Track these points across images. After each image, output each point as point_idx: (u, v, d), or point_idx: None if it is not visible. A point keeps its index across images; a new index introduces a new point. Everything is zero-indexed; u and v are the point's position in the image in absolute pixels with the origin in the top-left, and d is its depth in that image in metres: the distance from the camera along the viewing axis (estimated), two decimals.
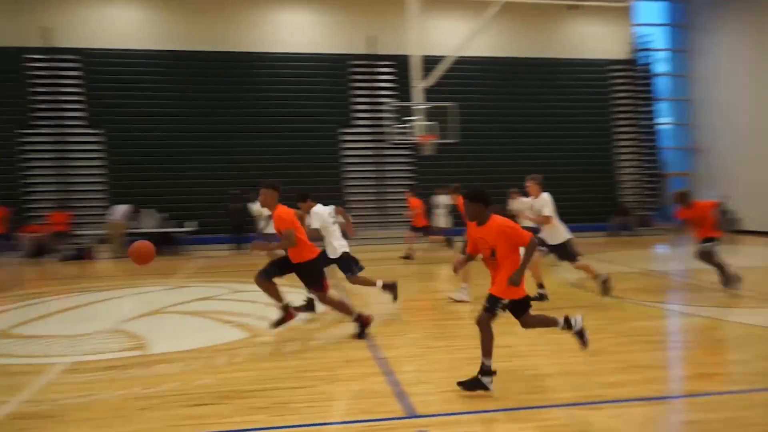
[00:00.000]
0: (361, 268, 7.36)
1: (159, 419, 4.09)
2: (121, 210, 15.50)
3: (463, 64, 17.60)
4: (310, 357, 5.63)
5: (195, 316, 7.75)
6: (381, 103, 18.67)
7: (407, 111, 16.20)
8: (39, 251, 15.79)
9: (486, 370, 4.35)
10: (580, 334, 4.70)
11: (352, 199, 18.62)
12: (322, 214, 7.26)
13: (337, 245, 7.31)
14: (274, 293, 6.14)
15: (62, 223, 15.75)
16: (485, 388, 4.32)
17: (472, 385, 4.35)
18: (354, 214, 18.21)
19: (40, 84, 17.35)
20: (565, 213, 8.55)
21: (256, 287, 6.18)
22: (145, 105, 17.70)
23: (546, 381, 4.75)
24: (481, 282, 5.52)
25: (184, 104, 17.85)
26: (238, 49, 18.19)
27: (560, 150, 19.45)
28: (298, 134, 18.29)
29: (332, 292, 6.44)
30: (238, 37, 18.19)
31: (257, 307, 7.98)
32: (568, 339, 4.84)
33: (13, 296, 10.04)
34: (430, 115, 16.04)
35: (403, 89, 17.90)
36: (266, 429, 3.92)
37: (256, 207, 11.69)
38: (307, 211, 7.34)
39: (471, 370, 4.44)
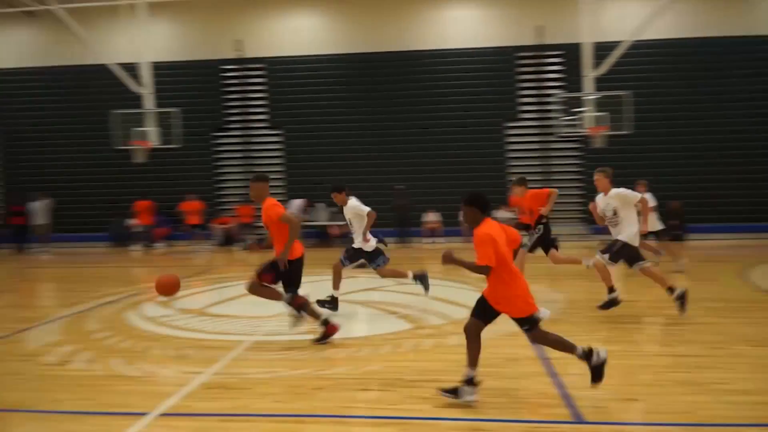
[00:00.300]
0: (386, 260, 7.54)
1: (331, 399, 4.34)
2: (297, 204, 16.71)
3: (639, 48, 16.29)
4: None
5: (362, 305, 8.10)
6: (548, 95, 17.97)
7: (576, 102, 15.41)
8: (228, 240, 17.64)
9: (469, 381, 4.20)
10: (598, 368, 4.14)
11: None
12: (356, 208, 7.52)
13: (370, 238, 7.53)
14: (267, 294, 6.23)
15: (248, 216, 17.41)
16: (461, 397, 4.14)
17: (451, 393, 4.19)
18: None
19: (231, 91, 19.22)
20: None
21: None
22: (320, 106, 18.85)
23: (737, 397, 4.24)
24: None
25: (355, 104, 18.70)
26: (407, 48, 18.58)
27: (761, 140, 17.20)
28: (462, 130, 18.27)
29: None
30: (407, 36, 18.60)
31: (420, 299, 8.13)
32: (746, 354, 4.27)
33: (207, 279, 11.30)
34: (601, 105, 15.08)
35: (571, 79, 17.06)
36: (430, 419, 3.97)
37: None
38: (343, 203, 7.64)
39: (647, 379, 4.11)
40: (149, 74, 15.83)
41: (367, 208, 7.53)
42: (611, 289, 6.83)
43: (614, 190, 6.85)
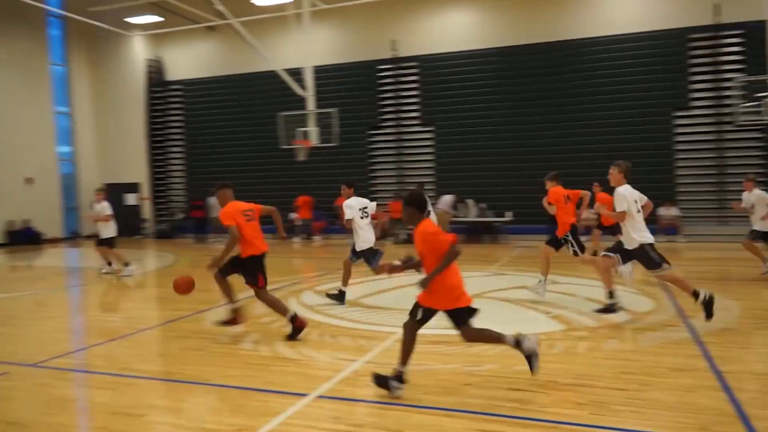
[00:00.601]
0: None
1: (480, 396, 4.32)
2: (447, 199, 16.80)
3: None
4: (631, 358, 5.26)
5: (512, 303, 7.93)
6: (725, 80, 16.22)
7: (758, 86, 13.75)
8: (381, 235, 18.19)
9: (398, 376, 4.33)
10: (531, 357, 4.40)
11: (685, 190, 16.69)
12: (353, 207, 7.99)
13: (364, 239, 7.72)
14: (226, 291, 6.44)
15: (399, 211, 17.87)
16: (390, 390, 4.29)
17: (381, 381, 4.34)
18: (687, 207, 16.34)
19: (385, 90, 19.81)
20: None
21: (573, 279, 6.02)
22: (471, 102, 18.75)
23: None
24: None
25: (506, 98, 18.35)
26: (562, 38, 17.84)
27: None
28: (623, 121, 17.14)
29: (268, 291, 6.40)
30: (563, 25, 17.82)
31: (575, 300, 7.80)
32: None
33: (359, 271, 11.74)
34: None
35: (753, 61, 15.25)
36: (585, 426, 3.80)
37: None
38: (348, 197, 8.24)
39: None
40: (311, 78, 16.83)
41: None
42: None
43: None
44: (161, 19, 20.06)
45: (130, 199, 22.65)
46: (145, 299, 9.37)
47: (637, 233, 6.42)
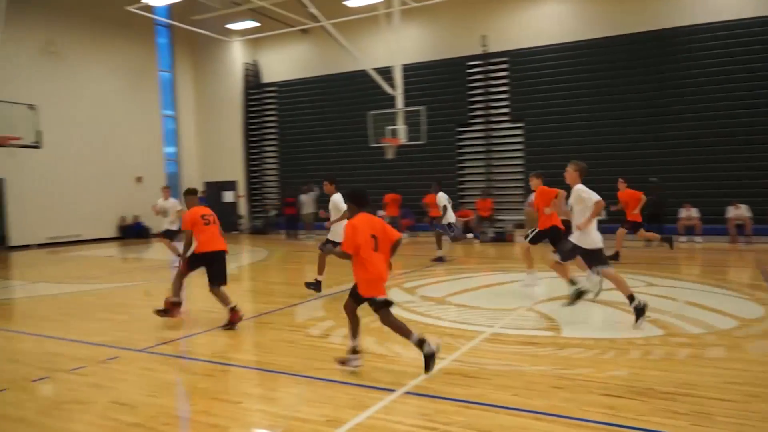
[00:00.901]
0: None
1: (571, 400, 4.19)
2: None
3: None
4: (737, 368, 4.91)
5: (606, 305, 7.62)
6: None
7: None
8: (467, 232, 18.05)
9: (353, 350, 4.99)
10: (428, 358, 4.71)
11: None
12: (337, 203, 8.62)
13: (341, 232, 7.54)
14: (176, 286, 7.17)
15: (486, 209, 17.63)
16: (349, 364, 4.95)
17: (342, 362, 4.97)
18: None
19: (475, 87, 19.56)
20: None
21: (671, 282, 5.70)
22: (562, 96, 18.15)
23: None
24: None
25: (598, 92, 17.58)
26: (663, 26, 16.85)
27: None
28: (736, 113, 15.94)
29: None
30: (665, 12, 16.81)
31: (675, 304, 7.39)
32: None
33: (446, 269, 11.72)
34: None
35: None
36: None
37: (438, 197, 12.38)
38: (331, 193, 8.91)
39: None
40: (400, 76, 16.93)
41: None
42: None
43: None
44: (258, 24, 20.90)
45: (228, 196, 23.81)
46: (241, 292, 9.80)
47: (584, 235, 6.85)
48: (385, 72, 17.37)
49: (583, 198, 6.80)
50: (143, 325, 7.14)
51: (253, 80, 23.80)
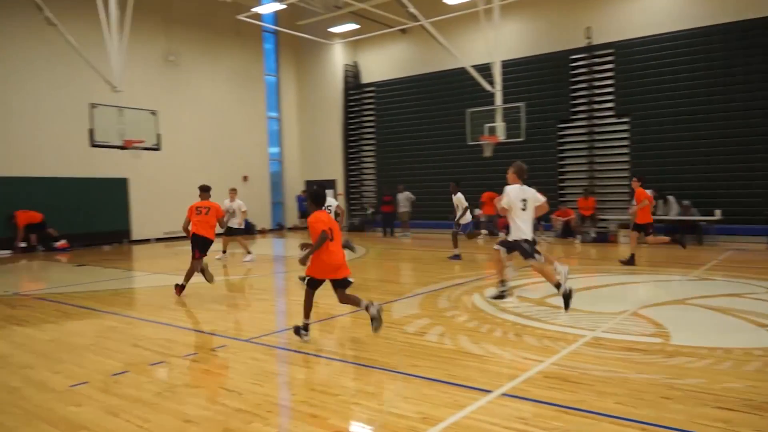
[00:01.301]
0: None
1: (681, 412, 3.95)
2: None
3: None
4: None
5: (720, 312, 7.11)
6: None
7: None
8: (567, 232, 17.47)
9: (305, 327, 6.04)
10: (373, 320, 5.85)
11: None
12: (461, 200, 10.41)
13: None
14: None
15: (589, 208, 16.94)
16: (300, 337, 6.01)
17: (296, 330, 6.08)
18: None
19: (578, 81, 18.82)
20: None
21: None
22: (671, 89, 17.07)
23: None
24: None
25: (711, 83, 16.34)
26: None
27: None
28: None
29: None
30: None
31: None
32: None
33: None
34: None
35: None
36: None
37: (456, 197, 12.78)
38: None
39: None
40: (500, 72, 16.63)
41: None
42: None
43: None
44: (358, 26, 21.36)
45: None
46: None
47: (516, 230, 7.62)
48: (484, 69, 17.14)
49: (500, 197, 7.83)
50: (248, 316, 7.52)
51: (352, 81, 24.31)
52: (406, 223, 20.18)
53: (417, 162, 22.08)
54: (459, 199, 12.75)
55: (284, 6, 18.98)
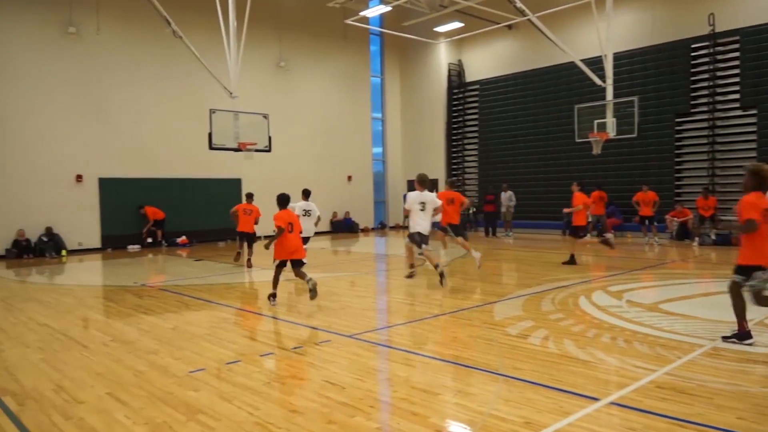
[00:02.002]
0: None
1: None
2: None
3: None
4: None
5: None
6: None
7: None
8: (684, 234, 16.37)
9: (272, 295, 8.37)
10: (311, 290, 8.01)
11: None
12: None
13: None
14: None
15: (708, 208, 15.75)
16: (270, 301, 8.36)
17: (270, 296, 8.46)
18: None
19: (699, 71, 17.55)
20: None
21: None
22: None
23: None
24: None
25: None
26: None
27: None
28: None
29: None
30: None
31: None
32: None
33: (658, 274, 10.76)
34: None
35: None
36: None
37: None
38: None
39: None
40: (611, 66, 15.84)
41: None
42: None
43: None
44: (462, 24, 21.25)
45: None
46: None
47: (413, 225, 9.73)
48: (594, 63, 16.43)
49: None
50: (351, 313, 7.71)
51: (456, 80, 24.21)
52: (508, 223, 19.80)
53: (521, 161, 21.59)
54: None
55: (390, 8, 19.23)
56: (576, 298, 8.29)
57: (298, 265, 8.25)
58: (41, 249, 16.04)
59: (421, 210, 9.66)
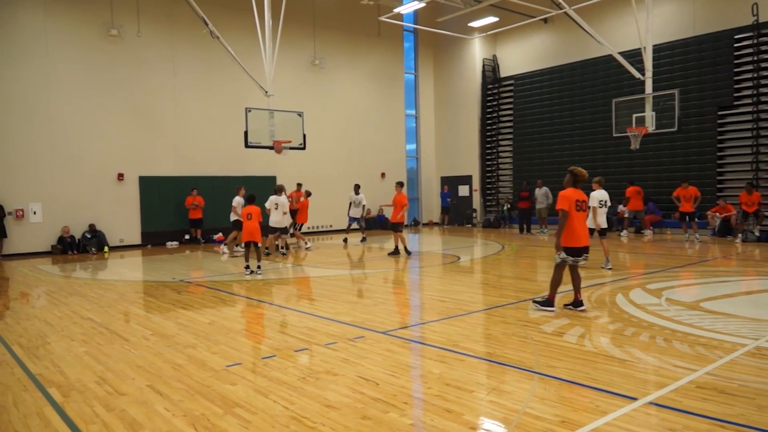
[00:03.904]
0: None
1: None
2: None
3: None
4: None
5: None
6: None
7: None
8: (726, 230, 15.92)
9: (246, 267, 11.22)
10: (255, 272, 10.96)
11: None
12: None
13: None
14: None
15: (752, 204, 15.26)
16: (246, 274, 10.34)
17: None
18: None
19: (743, 63, 17.03)
20: None
21: None
22: None
23: None
24: None
25: None
26: None
27: None
28: None
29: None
30: None
31: None
32: None
33: (699, 271, 10.48)
34: None
35: None
36: None
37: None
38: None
39: None
40: (650, 58, 15.45)
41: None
42: None
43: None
44: (497, 19, 21.06)
45: (463, 190, 24.46)
46: (472, 284, 10.01)
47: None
48: (632, 55, 16.08)
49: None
50: (383, 309, 7.74)
51: (490, 75, 24.01)
52: (543, 220, 19.55)
53: (556, 156, 21.29)
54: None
55: (424, 4, 19.17)
56: (613, 296, 8.15)
57: (256, 246, 11.13)
58: (84, 245, 16.56)
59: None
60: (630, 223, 17.73)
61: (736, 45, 17.04)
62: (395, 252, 14.02)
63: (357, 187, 17.82)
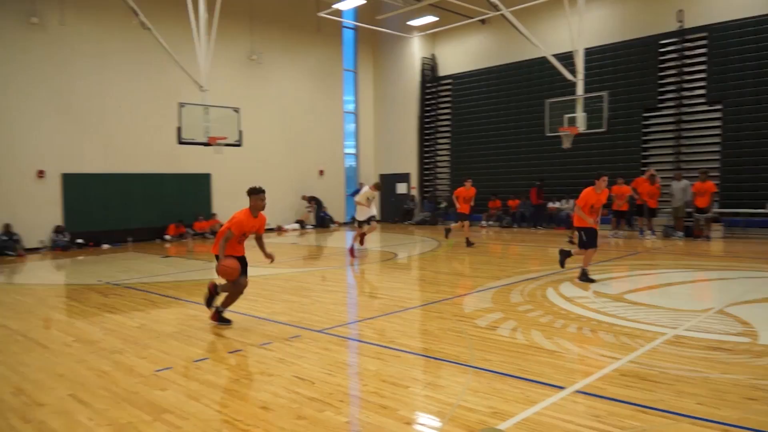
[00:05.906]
0: None
1: (767, 414, 3.71)
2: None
3: None
4: None
5: None
6: None
7: None
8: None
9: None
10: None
11: None
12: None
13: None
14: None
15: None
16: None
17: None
18: None
19: (667, 67, 17.85)
20: None
21: None
22: (766, 74, 15.95)
23: None
24: None
25: None
26: None
27: None
28: None
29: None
30: None
31: None
32: None
33: (628, 266, 10.96)
34: None
35: None
36: None
37: None
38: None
39: None
40: (582, 61, 15.93)
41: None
42: None
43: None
44: (437, 18, 21.31)
45: (401, 188, 24.65)
46: (409, 281, 10.09)
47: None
48: (565, 58, 16.57)
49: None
50: (320, 308, 7.69)
51: (429, 74, 24.25)
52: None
53: (492, 154, 21.75)
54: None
55: (364, 1, 19.13)
56: (544, 290, 8.40)
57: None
58: (0, 247, 15.59)
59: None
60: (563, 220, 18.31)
61: (660, 50, 17.88)
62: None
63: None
